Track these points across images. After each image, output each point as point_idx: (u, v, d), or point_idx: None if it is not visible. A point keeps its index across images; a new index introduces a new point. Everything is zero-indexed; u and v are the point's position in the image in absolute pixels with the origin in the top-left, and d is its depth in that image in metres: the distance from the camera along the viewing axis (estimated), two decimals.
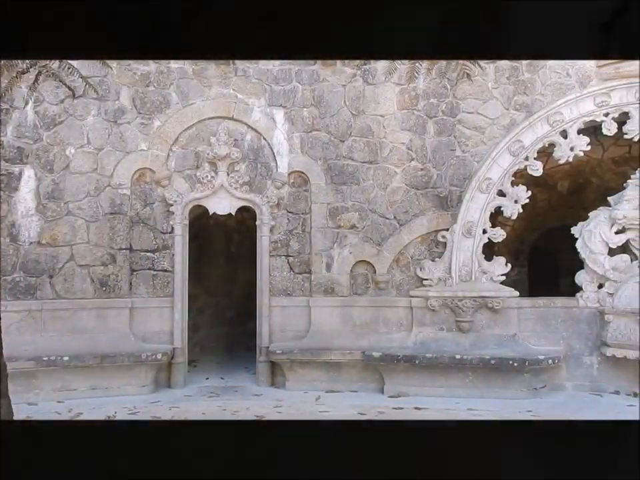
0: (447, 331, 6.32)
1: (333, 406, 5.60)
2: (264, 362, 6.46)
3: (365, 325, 6.46)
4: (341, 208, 6.59)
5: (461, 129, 6.54)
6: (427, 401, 5.72)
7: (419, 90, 6.59)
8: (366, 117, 6.62)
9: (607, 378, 6.11)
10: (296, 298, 6.56)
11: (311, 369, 6.29)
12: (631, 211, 6.12)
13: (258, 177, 6.62)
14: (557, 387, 6.12)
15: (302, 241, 6.61)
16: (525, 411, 5.40)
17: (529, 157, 6.35)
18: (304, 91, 6.64)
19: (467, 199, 6.35)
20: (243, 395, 6.11)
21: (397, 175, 6.59)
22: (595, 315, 6.17)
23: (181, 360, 6.43)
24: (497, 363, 5.87)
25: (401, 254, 6.52)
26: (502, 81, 6.52)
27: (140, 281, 6.48)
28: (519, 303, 6.28)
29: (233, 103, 6.59)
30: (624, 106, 6.23)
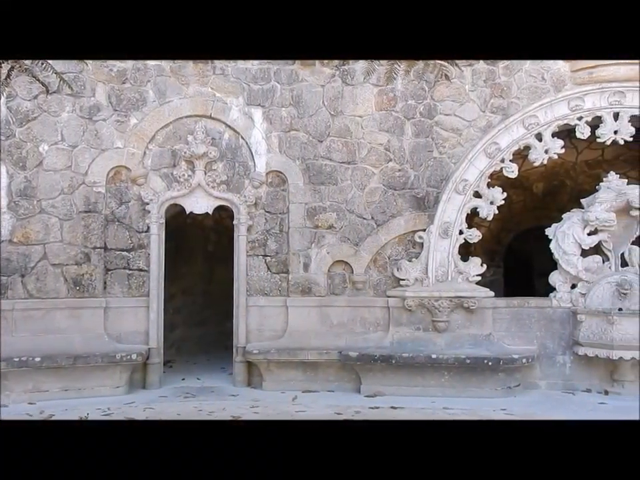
0: (423, 331, 6.36)
1: (309, 406, 5.60)
2: (240, 362, 6.43)
3: (342, 325, 6.47)
4: (318, 208, 6.59)
5: (439, 130, 6.60)
6: (403, 400, 5.75)
7: (397, 91, 6.63)
8: (344, 118, 6.63)
9: (579, 376, 6.22)
10: (273, 298, 6.54)
11: (288, 369, 6.28)
12: (603, 213, 6.24)
13: (236, 176, 6.58)
14: (531, 385, 6.22)
15: (279, 241, 6.59)
16: (500, 409, 5.48)
17: (505, 158, 6.43)
18: (282, 91, 6.63)
19: (443, 199, 6.40)
20: (220, 395, 6.07)
21: (375, 175, 6.62)
22: (568, 315, 6.28)
23: (157, 360, 6.37)
24: (472, 363, 5.93)
25: (378, 254, 6.55)
26: (479, 84, 6.60)
27: (115, 281, 6.40)
28: (494, 303, 6.36)
29: (211, 102, 6.54)
30: (597, 110, 6.35)
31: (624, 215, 6.34)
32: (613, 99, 6.31)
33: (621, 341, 5.86)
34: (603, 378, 6.16)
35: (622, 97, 6.30)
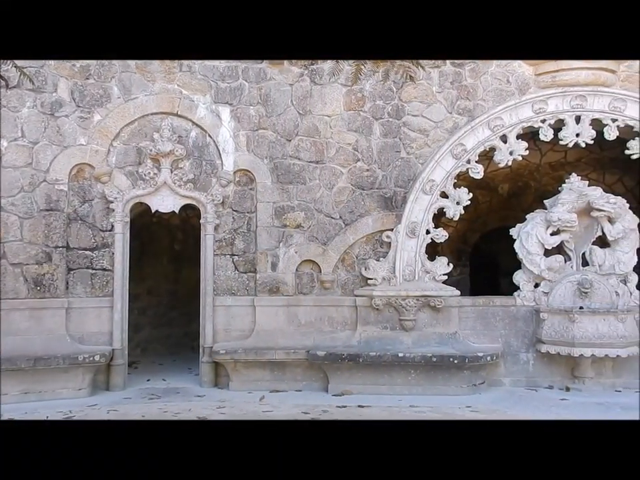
0: (390, 330, 6.40)
1: (276, 405, 5.58)
2: (207, 362, 6.37)
3: (310, 324, 6.47)
4: (287, 207, 6.57)
5: (406, 131, 6.65)
6: (370, 398, 5.78)
7: (366, 92, 6.66)
8: (313, 117, 6.63)
9: (541, 373, 6.36)
10: (241, 297, 6.49)
11: (255, 369, 6.24)
12: (565, 214, 6.38)
13: (203, 175, 6.51)
14: (495, 382, 6.32)
15: (247, 240, 6.55)
16: (465, 406, 5.55)
17: (471, 160, 6.52)
18: (251, 89, 6.58)
19: (411, 199, 6.46)
20: (185, 396, 6.00)
21: (343, 175, 6.63)
22: (531, 313, 6.41)
23: (121, 361, 6.25)
24: (438, 361, 6.00)
25: (347, 253, 6.57)
26: (446, 86, 6.67)
27: (77, 280, 6.25)
28: (460, 302, 6.44)
29: (178, 99, 6.46)
30: (559, 113, 6.50)
31: (585, 215, 6.50)
32: (575, 103, 6.47)
33: (582, 339, 6.00)
34: (565, 375, 6.31)
35: (583, 101, 6.45)
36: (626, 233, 6.40)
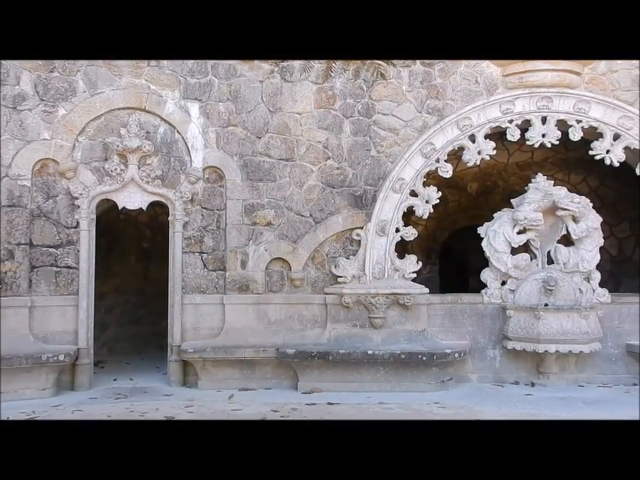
0: (360, 327, 6.43)
1: (245, 404, 5.55)
2: (175, 361, 6.29)
3: (280, 322, 6.45)
4: (256, 205, 6.53)
5: (376, 129, 6.68)
6: (340, 396, 5.80)
7: (336, 90, 6.66)
8: (283, 114, 6.60)
9: (507, 369, 6.47)
10: (210, 295, 6.43)
11: (225, 367, 6.20)
12: (531, 213, 6.50)
13: (171, 172, 6.43)
14: (463, 379, 6.40)
15: (216, 238, 6.49)
16: (433, 402, 5.61)
17: (440, 159, 6.58)
18: (220, 85, 6.52)
19: (381, 198, 6.49)
20: (153, 395, 5.92)
21: (313, 173, 6.63)
22: (498, 311, 6.51)
23: (86, 361, 6.13)
24: (407, 358, 6.05)
25: (317, 251, 6.57)
26: (415, 85, 6.72)
27: (41, 278, 6.11)
28: (429, 300, 6.51)
29: (145, 94, 6.35)
30: (526, 114, 6.61)
31: (550, 214, 6.63)
32: (541, 104, 6.58)
33: (547, 335, 6.13)
34: (530, 370, 6.43)
35: (549, 102, 6.57)
36: (589, 231, 6.55)
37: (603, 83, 6.68)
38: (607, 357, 6.43)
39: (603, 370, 6.43)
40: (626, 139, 6.51)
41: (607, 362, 6.44)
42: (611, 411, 5.32)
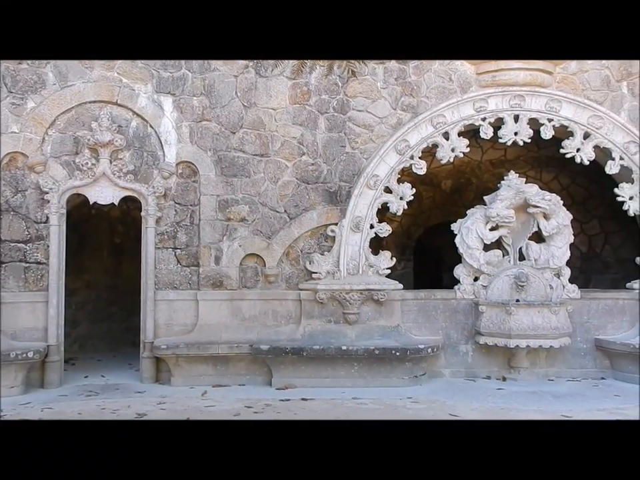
0: (334, 323, 6.45)
1: (219, 400, 5.53)
2: (148, 358, 6.23)
3: (254, 318, 6.43)
4: (231, 200, 6.49)
5: (351, 126, 6.69)
6: (314, 392, 5.81)
7: (311, 85, 6.65)
8: (258, 110, 6.56)
9: (480, 364, 6.55)
10: (183, 291, 6.38)
11: (198, 364, 6.16)
12: (503, 210, 6.58)
13: (144, 166, 6.35)
14: (436, 373, 6.46)
15: (190, 233, 6.44)
16: (406, 397, 5.65)
17: (414, 156, 6.62)
18: (194, 79, 6.45)
19: (355, 194, 6.51)
20: (125, 392, 5.85)
21: (288, 168, 6.61)
22: (471, 306, 6.59)
23: (56, 358, 6.03)
24: (381, 353, 6.08)
25: (291, 247, 6.56)
26: (390, 82, 6.74)
27: (9, 274, 5.99)
28: (403, 295, 6.55)
29: (117, 87, 6.26)
30: (499, 112, 6.68)
31: (522, 212, 6.71)
32: (513, 102, 6.66)
33: (518, 330, 6.21)
34: (502, 365, 6.52)
35: (522, 101, 6.65)
36: (560, 229, 6.65)
37: (573, 82, 6.79)
38: (576, 352, 6.55)
39: (572, 364, 6.56)
40: (596, 138, 6.63)
41: (576, 356, 6.57)
42: (580, 404, 5.43)
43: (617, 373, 6.45)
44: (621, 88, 6.79)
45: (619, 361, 6.45)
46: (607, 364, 6.55)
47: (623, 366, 6.40)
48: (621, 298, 6.65)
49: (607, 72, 6.79)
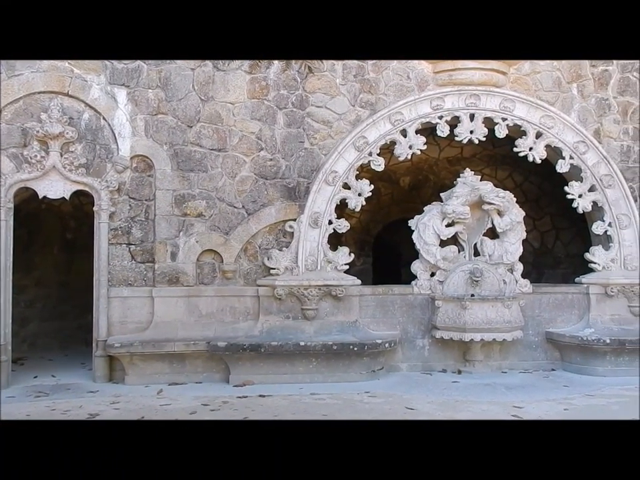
0: (293, 319, 6.44)
1: (175, 399, 5.45)
2: (101, 357, 6.09)
3: (211, 315, 6.36)
4: (187, 195, 6.39)
5: (310, 121, 6.67)
6: (272, 388, 5.80)
7: (270, 80, 6.60)
8: (215, 104, 6.47)
9: (436, 358, 6.66)
10: (138, 288, 6.25)
11: (153, 362, 6.05)
12: (459, 207, 6.70)
13: (97, 160, 6.17)
14: (393, 368, 6.54)
15: (145, 229, 6.30)
16: (364, 392, 5.70)
17: (373, 152, 6.66)
18: (149, 71, 6.31)
19: (314, 190, 6.50)
20: (77, 392, 5.70)
21: (246, 164, 6.55)
22: (427, 301, 6.69)
23: (4, 358, 5.82)
24: (339, 348, 6.11)
25: (249, 243, 6.51)
26: (349, 78, 6.76)
27: None
28: (361, 291, 6.59)
29: (69, 78, 6.06)
30: (455, 110, 6.79)
31: (477, 208, 6.85)
32: (469, 101, 6.78)
33: (472, 324, 6.34)
34: (457, 359, 6.65)
35: (477, 100, 6.78)
36: (513, 225, 6.82)
37: (526, 83, 6.96)
38: (528, 344, 6.74)
39: (524, 357, 6.75)
40: (547, 138, 6.82)
41: (528, 349, 6.76)
42: (531, 395, 5.60)
43: (566, 364, 6.68)
44: (571, 89, 7.01)
45: (568, 352, 6.68)
46: (556, 356, 6.76)
47: (572, 357, 6.63)
48: (570, 292, 6.88)
49: (558, 74, 6.99)
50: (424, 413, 4.99)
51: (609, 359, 6.44)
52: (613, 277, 6.75)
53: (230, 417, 4.84)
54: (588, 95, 7.01)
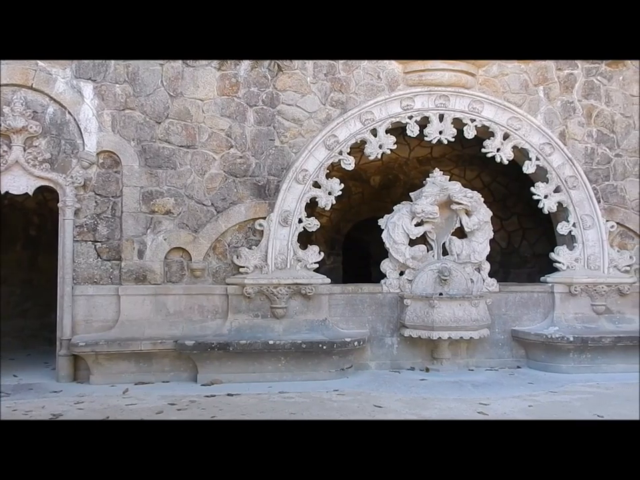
0: (262, 318, 6.41)
1: (141, 398, 5.37)
2: (65, 356, 5.96)
3: (179, 314, 6.29)
4: (155, 192, 6.30)
5: (280, 119, 6.65)
6: (240, 387, 5.76)
7: (240, 77, 6.55)
8: (184, 100, 6.40)
9: (404, 356, 6.71)
10: (104, 286, 6.14)
11: (119, 361, 5.95)
12: (428, 206, 6.75)
13: (62, 155, 6.04)
14: (362, 366, 6.56)
15: (111, 226, 6.20)
16: (332, 390, 5.71)
17: (343, 151, 6.67)
18: (117, 66, 6.20)
19: (284, 188, 6.48)
20: (39, 392, 5.57)
21: (216, 161, 6.49)
22: (396, 300, 6.73)
23: None
24: (308, 347, 6.11)
25: (218, 241, 6.46)
26: (320, 77, 6.75)
27: None
28: (330, 290, 6.60)
29: (33, 71, 5.92)
30: (425, 111, 6.85)
31: (446, 208, 6.92)
32: (438, 102, 6.85)
33: (440, 323, 6.40)
34: (425, 357, 6.71)
35: (446, 101, 6.85)
36: (481, 225, 6.91)
37: (494, 85, 7.06)
38: (495, 342, 6.85)
39: (491, 354, 6.85)
40: (514, 139, 6.93)
41: (495, 347, 6.86)
42: (497, 392, 5.68)
43: (531, 362, 6.80)
44: (538, 92, 7.14)
45: (533, 350, 6.80)
46: (522, 353, 6.88)
47: (537, 355, 6.76)
48: (535, 291, 7.01)
49: (526, 76, 7.12)
50: (392, 410, 5.02)
51: (572, 357, 6.59)
52: (576, 276, 6.90)
53: (197, 416, 4.80)
54: (554, 98, 7.15)
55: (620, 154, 7.27)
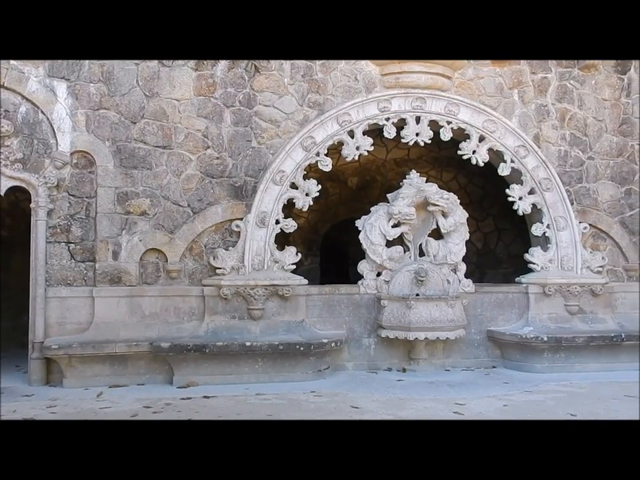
0: (239, 319, 6.38)
1: (116, 401, 5.31)
2: (37, 359, 5.87)
3: (155, 315, 6.23)
4: (130, 193, 6.24)
5: (258, 120, 6.64)
6: (217, 388, 5.72)
7: (217, 78, 6.52)
8: (160, 100, 6.35)
9: (381, 357, 6.74)
10: (77, 288, 6.06)
11: (93, 364, 5.87)
12: (405, 208, 6.79)
13: (34, 155, 5.95)
14: (339, 367, 6.57)
15: (85, 227, 6.11)
16: (309, 391, 5.70)
17: (320, 152, 6.68)
18: (91, 65, 6.13)
19: (261, 189, 6.47)
20: (11, 396, 5.46)
21: (192, 162, 6.45)
22: (374, 301, 6.75)
23: None
24: (285, 348, 6.09)
25: (195, 242, 6.41)
26: (297, 78, 6.76)
27: None
28: (308, 291, 6.60)
29: (4, 69, 5.82)
30: (402, 113, 6.89)
31: (422, 209, 6.98)
32: (415, 104, 6.90)
33: (417, 323, 6.43)
34: (402, 357, 6.75)
35: (423, 103, 6.91)
36: (457, 226, 6.97)
37: (470, 87, 7.14)
38: (471, 343, 6.91)
39: (467, 355, 6.91)
40: (490, 141, 7.01)
41: (470, 347, 6.92)
42: (472, 392, 5.74)
43: (507, 362, 6.88)
44: (513, 95, 7.24)
45: (508, 350, 6.89)
46: (497, 353, 6.96)
47: (512, 355, 6.84)
48: (510, 292, 7.09)
49: (501, 79, 7.21)
50: (369, 411, 5.04)
51: (546, 356, 6.68)
52: (550, 277, 7.01)
53: (173, 418, 4.76)
54: (528, 101, 7.26)
55: (592, 157, 7.40)
